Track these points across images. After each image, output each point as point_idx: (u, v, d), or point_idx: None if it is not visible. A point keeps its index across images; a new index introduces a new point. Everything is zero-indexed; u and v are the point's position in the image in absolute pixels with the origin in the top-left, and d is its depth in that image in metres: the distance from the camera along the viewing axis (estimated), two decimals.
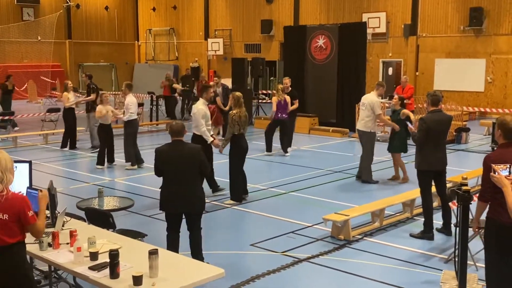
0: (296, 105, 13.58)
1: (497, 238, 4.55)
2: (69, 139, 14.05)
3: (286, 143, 13.32)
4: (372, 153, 10.45)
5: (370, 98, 10.33)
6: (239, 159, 8.94)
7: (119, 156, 12.07)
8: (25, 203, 4.03)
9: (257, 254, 6.80)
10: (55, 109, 18.20)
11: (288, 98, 13.25)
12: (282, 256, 6.67)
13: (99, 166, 11.68)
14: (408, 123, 9.68)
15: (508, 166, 4.27)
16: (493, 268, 4.62)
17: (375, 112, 10.21)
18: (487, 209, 4.67)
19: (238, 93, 9.05)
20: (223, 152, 9.16)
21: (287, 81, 13.78)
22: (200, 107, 8.95)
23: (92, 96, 13.88)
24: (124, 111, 11.58)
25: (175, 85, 17.53)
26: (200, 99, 9.17)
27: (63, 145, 14.06)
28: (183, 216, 6.05)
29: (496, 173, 4.20)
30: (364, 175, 10.42)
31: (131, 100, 11.42)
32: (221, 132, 14.88)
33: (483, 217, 4.75)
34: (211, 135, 8.97)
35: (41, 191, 4.40)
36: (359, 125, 10.51)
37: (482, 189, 4.64)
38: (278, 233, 7.51)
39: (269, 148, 13.33)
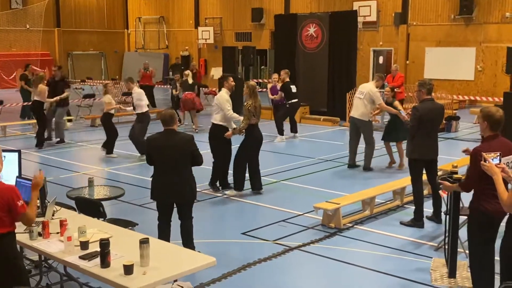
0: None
1: (480, 228, 4.59)
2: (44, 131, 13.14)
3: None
4: (373, 141, 10.52)
5: (370, 88, 10.33)
6: (254, 150, 8.74)
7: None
8: (14, 192, 4.01)
9: (248, 243, 6.82)
10: None
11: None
12: (273, 244, 6.69)
13: (112, 155, 11.62)
14: (401, 111, 9.73)
15: (498, 154, 4.29)
16: (477, 256, 4.67)
17: (376, 101, 10.25)
18: (471, 198, 4.71)
19: (252, 83, 8.84)
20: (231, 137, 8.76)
21: (280, 73, 14.18)
22: (223, 94, 8.76)
23: (67, 93, 13.42)
24: (133, 104, 11.46)
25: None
26: (223, 88, 8.91)
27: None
28: (174, 205, 6.04)
29: (487, 161, 4.22)
30: (368, 163, 10.47)
31: (140, 91, 11.36)
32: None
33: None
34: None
35: (35, 177, 4.37)
36: (356, 114, 10.41)
37: (469, 180, 4.65)
38: (269, 222, 7.52)
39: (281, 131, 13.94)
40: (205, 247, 6.23)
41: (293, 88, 13.77)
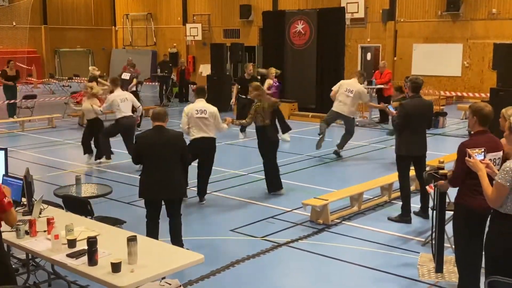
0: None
1: (465, 223, 4.63)
2: None
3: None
4: (352, 134, 11.31)
5: (358, 86, 10.97)
6: (270, 151, 8.72)
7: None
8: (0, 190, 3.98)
9: (237, 240, 6.83)
10: (31, 95, 17.91)
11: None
12: (262, 241, 6.70)
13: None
14: (389, 106, 9.81)
15: (483, 150, 4.33)
16: (462, 252, 4.72)
17: (365, 100, 11.16)
18: (455, 194, 4.75)
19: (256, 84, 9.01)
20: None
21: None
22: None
23: None
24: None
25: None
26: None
27: None
28: (163, 203, 6.04)
29: (471, 157, 4.25)
30: (342, 146, 11.30)
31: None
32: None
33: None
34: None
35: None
36: (345, 111, 10.99)
37: (456, 175, 4.68)
38: (258, 218, 7.54)
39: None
40: (193, 244, 6.24)
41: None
